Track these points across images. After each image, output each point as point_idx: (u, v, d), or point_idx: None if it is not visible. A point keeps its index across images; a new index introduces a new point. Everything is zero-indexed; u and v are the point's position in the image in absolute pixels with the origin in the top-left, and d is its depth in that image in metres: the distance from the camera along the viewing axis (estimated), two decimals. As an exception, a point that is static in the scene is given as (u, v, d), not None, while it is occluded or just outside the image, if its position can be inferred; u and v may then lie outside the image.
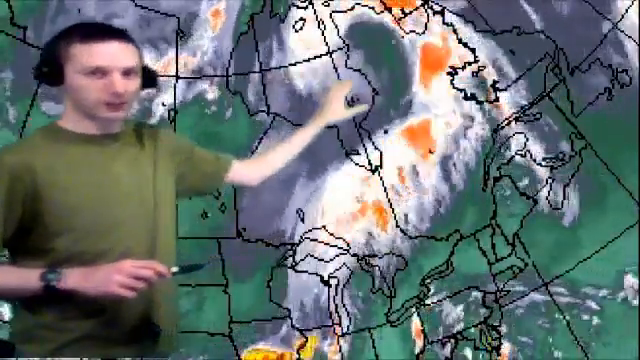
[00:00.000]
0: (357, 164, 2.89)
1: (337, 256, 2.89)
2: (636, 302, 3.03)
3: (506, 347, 2.98)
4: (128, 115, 1.72)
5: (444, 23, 2.90)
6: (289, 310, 2.87)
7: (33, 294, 1.58)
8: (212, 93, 2.81)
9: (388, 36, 2.89)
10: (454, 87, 2.91)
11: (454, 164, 2.94)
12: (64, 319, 1.64)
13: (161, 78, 2.00)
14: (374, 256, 2.91)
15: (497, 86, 2.93)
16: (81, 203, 1.62)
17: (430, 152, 2.93)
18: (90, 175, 1.65)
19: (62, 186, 1.61)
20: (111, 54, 1.62)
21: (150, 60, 2.67)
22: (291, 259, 2.86)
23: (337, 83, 2.47)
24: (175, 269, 1.63)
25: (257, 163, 2.15)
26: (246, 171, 2.09)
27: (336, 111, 2.24)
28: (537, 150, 2.96)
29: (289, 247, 2.86)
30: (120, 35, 1.66)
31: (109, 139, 1.70)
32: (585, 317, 3.01)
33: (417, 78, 2.91)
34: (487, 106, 2.94)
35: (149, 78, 1.74)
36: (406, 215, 2.93)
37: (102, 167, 1.68)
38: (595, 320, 3.02)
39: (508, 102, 2.94)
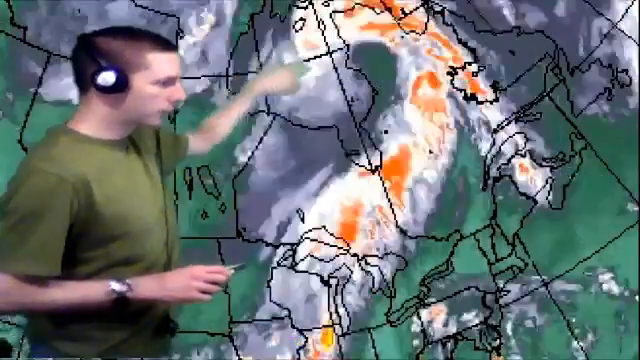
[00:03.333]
0: (357, 164, 2.89)
1: (337, 256, 2.89)
2: (636, 302, 3.03)
3: (506, 347, 2.98)
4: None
5: (444, 23, 2.90)
6: (289, 310, 2.87)
7: (101, 305, 1.60)
8: (212, 93, 2.81)
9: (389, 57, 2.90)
10: (454, 87, 2.91)
11: (454, 164, 2.94)
12: (117, 320, 1.67)
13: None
14: (374, 256, 2.91)
15: (497, 86, 2.93)
16: (123, 211, 1.63)
17: (430, 152, 2.93)
18: (123, 182, 1.66)
19: (109, 195, 1.61)
20: (177, 63, 1.66)
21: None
22: (291, 259, 2.86)
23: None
24: (232, 271, 1.69)
25: (205, 134, 2.18)
26: (197, 144, 2.14)
27: (278, 84, 2.32)
28: (537, 150, 2.96)
29: (289, 247, 2.86)
30: (173, 44, 1.70)
31: (123, 144, 1.70)
32: (585, 317, 3.02)
33: (417, 78, 2.91)
34: (487, 106, 2.94)
35: None
36: (406, 215, 2.93)
37: (128, 173, 1.69)
38: (595, 320, 3.02)
39: (508, 102, 2.94)
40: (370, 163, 2.90)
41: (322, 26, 2.85)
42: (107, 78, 1.58)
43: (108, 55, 1.60)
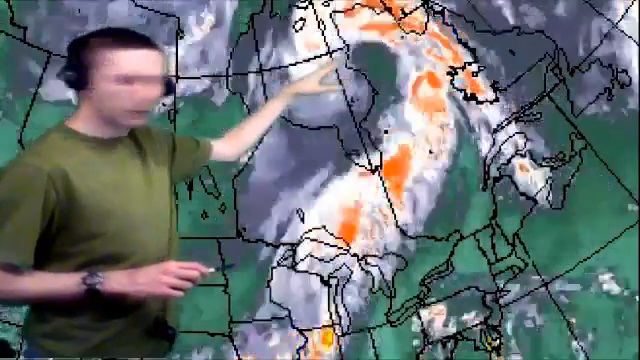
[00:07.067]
0: (357, 164, 2.89)
1: (337, 256, 2.89)
2: (636, 302, 3.03)
3: (506, 347, 2.98)
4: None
5: (444, 23, 2.90)
6: (289, 310, 2.87)
7: (72, 298, 1.60)
8: (212, 93, 2.81)
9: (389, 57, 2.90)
10: (454, 87, 2.91)
11: (454, 164, 2.94)
12: (98, 319, 1.67)
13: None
14: (374, 256, 2.91)
15: (497, 86, 2.93)
16: (108, 206, 1.63)
17: (430, 152, 2.93)
18: (110, 178, 1.66)
19: (91, 190, 1.61)
20: (141, 62, 1.62)
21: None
22: (291, 259, 2.86)
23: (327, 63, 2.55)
24: (212, 269, 1.67)
25: (233, 140, 2.18)
26: (224, 149, 2.14)
27: (308, 84, 2.28)
28: (537, 150, 2.96)
29: (289, 247, 2.86)
30: (149, 43, 1.65)
31: (118, 142, 1.71)
32: (585, 317, 3.02)
33: (417, 78, 2.91)
34: (487, 106, 2.94)
35: (168, 86, 1.73)
36: (406, 215, 2.93)
37: (118, 170, 1.69)
38: (595, 320, 3.02)
39: (508, 102, 2.94)
40: (370, 163, 2.90)
41: (322, 26, 2.85)
42: (69, 75, 1.62)
43: (78, 54, 1.62)
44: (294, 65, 2.85)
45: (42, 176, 1.55)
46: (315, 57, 2.85)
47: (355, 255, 2.90)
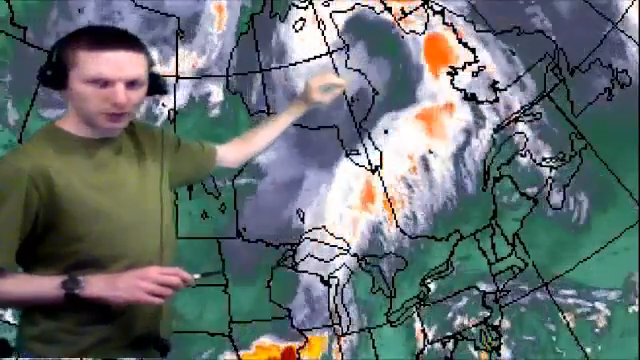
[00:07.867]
0: (357, 164, 2.89)
1: (337, 256, 2.89)
2: (636, 302, 3.03)
3: (506, 347, 2.98)
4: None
5: (444, 23, 2.90)
6: (289, 310, 2.87)
7: (53, 302, 1.58)
8: (212, 93, 2.81)
9: (389, 32, 2.90)
10: (454, 87, 2.91)
11: (454, 164, 2.94)
12: (83, 323, 1.65)
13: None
14: (374, 256, 2.91)
15: (497, 86, 2.93)
16: (95, 208, 1.61)
17: (430, 152, 2.93)
18: (99, 179, 1.64)
19: (77, 191, 1.59)
20: (116, 64, 1.57)
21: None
22: (291, 259, 2.86)
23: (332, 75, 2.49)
24: (197, 276, 1.63)
25: (239, 146, 2.14)
26: (229, 155, 2.10)
27: (315, 96, 2.19)
28: (537, 150, 2.96)
29: (289, 247, 2.86)
30: (129, 43, 1.61)
31: (110, 143, 1.68)
32: (585, 317, 3.02)
33: (417, 77, 2.91)
34: (487, 106, 2.94)
35: (157, 85, 1.71)
36: (406, 215, 2.93)
37: (108, 171, 1.67)
38: (595, 320, 3.02)
39: (508, 102, 2.94)
40: (370, 163, 2.90)
41: (322, 26, 2.85)
42: (47, 73, 1.60)
43: (58, 54, 1.60)
44: (294, 65, 2.85)
45: (23, 176, 1.54)
46: (315, 57, 2.85)
47: (355, 255, 2.91)
